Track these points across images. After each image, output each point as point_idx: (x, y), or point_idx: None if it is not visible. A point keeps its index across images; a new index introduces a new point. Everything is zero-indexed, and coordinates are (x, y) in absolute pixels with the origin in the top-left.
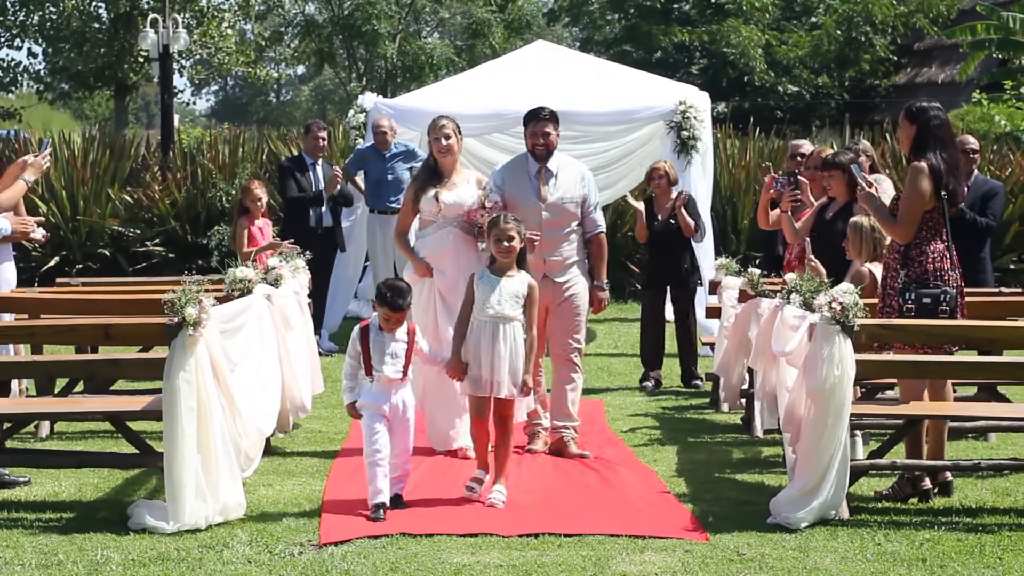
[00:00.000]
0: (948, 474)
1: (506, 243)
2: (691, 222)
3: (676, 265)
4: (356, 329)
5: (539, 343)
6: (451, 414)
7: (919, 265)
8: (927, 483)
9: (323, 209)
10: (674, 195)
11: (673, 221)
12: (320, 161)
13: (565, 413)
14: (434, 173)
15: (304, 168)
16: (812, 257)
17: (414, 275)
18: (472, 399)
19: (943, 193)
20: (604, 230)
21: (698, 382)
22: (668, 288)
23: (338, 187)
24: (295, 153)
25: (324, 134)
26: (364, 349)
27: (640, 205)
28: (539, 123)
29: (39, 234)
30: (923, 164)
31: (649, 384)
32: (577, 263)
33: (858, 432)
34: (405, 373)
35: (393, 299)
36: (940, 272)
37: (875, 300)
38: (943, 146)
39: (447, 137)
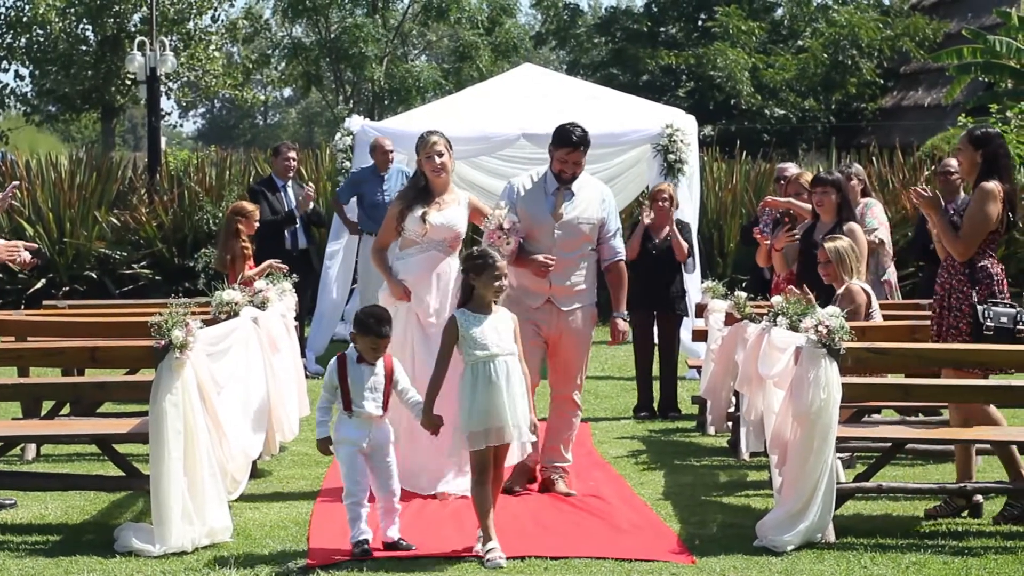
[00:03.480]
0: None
1: (504, 281)
2: (685, 245)
3: (664, 289)
4: (332, 362)
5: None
6: (436, 453)
7: (987, 286)
8: (979, 496)
9: (298, 230)
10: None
11: (663, 246)
12: (290, 183)
13: (558, 454)
14: (423, 192)
15: (275, 190)
16: (806, 290)
17: (389, 297)
18: (478, 454)
19: (1010, 217)
20: (624, 258)
21: (674, 414)
22: (655, 312)
23: (311, 205)
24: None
25: (293, 155)
26: (342, 383)
27: (648, 219)
28: (573, 152)
29: (25, 256)
30: (995, 187)
31: (645, 414)
32: (585, 292)
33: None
34: (385, 408)
35: (378, 326)
36: (1002, 292)
37: (871, 323)
38: (1008, 174)
39: (440, 155)
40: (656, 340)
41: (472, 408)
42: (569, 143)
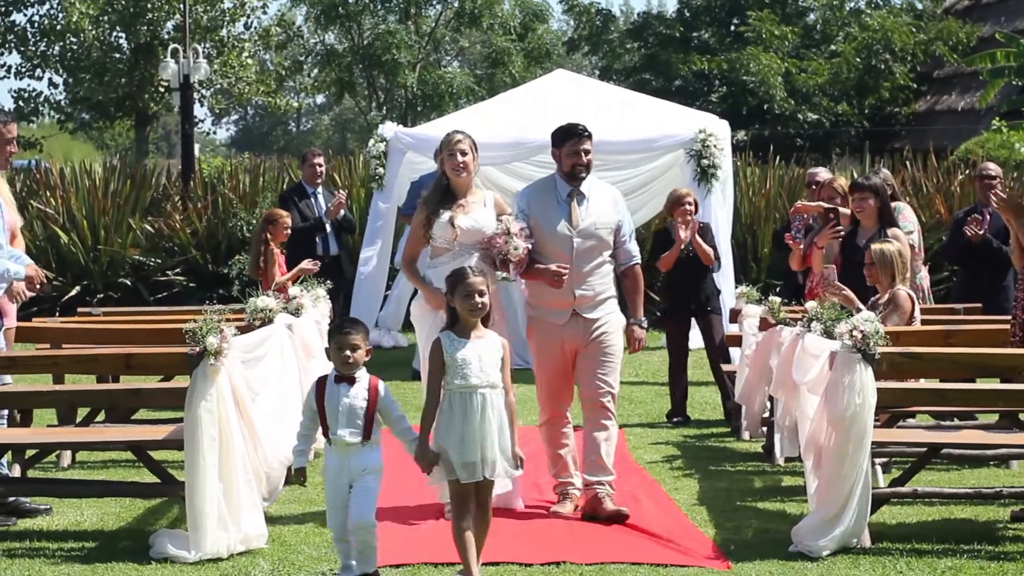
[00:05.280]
0: None
1: (477, 298)
2: (709, 251)
3: (698, 293)
4: (313, 384)
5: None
6: None
7: None
8: None
9: (329, 236)
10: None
11: (692, 252)
12: (320, 189)
13: (599, 466)
14: (447, 194)
15: (305, 196)
16: (840, 285)
17: (424, 306)
18: (457, 490)
19: None
20: (639, 261)
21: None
22: (692, 318)
23: (342, 212)
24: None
25: (320, 161)
26: (319, 407)
27: (685, 235)
28: (579, 140)
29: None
30: None
31: (678, 419)
32: (611, 299)
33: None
34: (368, 435)
35: (341, 323)
36: None
37: (912, 327)
38: None
39: (463, 154)
40: (692, 345)
41: (447, 440)
42: (574, 133)
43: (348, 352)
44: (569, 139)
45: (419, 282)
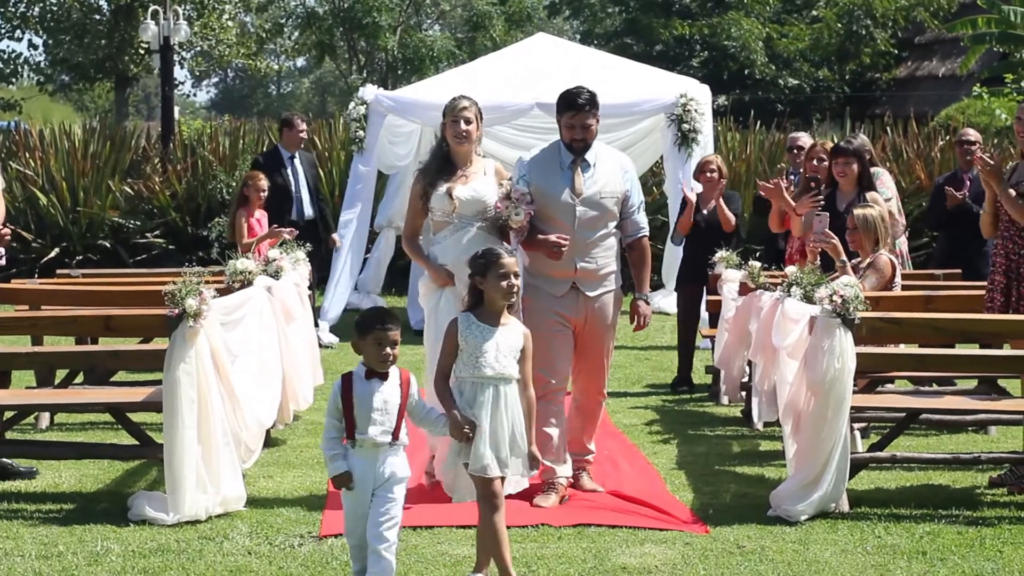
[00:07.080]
0: None
1: (513, 280)
2: (731, 216)
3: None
4: (336, 383)
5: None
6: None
7: None
8: None
9: (304, 200)
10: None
11: (712, 219)
12: (297, 153)
13: (581, 446)
14: (445, 164)
15: (281, 163)
16: (830, 233)
17: (430, 284)
18: (479, 484)
19: None
20: (647, 233)
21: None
22: (704, 285)
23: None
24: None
25: (305, 127)
26: (347, 406)
27: (693, 197)
28: (578, 114)
29: None
30: None
31: (684, 388)
32: (611, 275)
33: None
34: (396, 435)
35: (379, 319)
36: None
37: (896, 292)
38: None
39: (467, 122)
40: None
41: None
42: (574, 105)
43: (388, 349)
44: (567, 111)
45: (421, 259)
